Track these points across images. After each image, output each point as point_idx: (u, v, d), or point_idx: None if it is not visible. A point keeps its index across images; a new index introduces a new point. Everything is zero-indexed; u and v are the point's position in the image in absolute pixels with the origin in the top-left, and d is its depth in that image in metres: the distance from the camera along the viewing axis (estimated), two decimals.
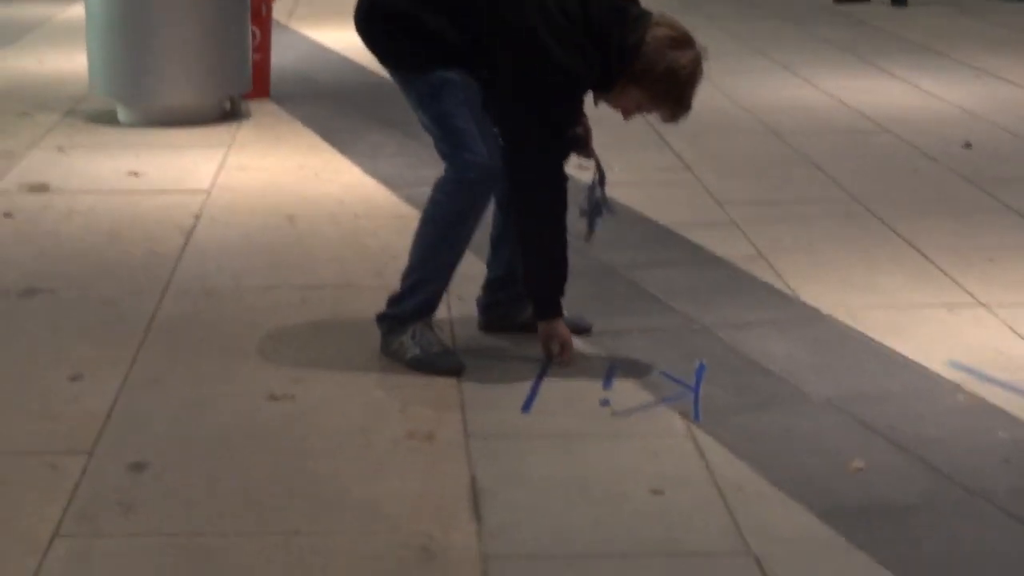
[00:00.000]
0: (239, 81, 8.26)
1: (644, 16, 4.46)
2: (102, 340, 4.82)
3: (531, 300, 4.67)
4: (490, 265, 4.91)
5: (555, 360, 4.59)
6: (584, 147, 4.74)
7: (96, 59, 8.10)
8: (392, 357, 4.62)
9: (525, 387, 4.44)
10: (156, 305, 5.15)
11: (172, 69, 7.99)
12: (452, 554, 3.45)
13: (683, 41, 4.44)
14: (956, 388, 4.47)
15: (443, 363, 4.56)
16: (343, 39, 11.14)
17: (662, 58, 4.37)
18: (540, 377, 4.50)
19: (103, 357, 4.65)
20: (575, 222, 4.72)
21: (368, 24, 4.59)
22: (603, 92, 4.51)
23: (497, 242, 4.86)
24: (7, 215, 6.26)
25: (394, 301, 4.67)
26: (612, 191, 4.85)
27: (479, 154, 4.42)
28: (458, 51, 4.42)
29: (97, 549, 3.47)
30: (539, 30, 4.30)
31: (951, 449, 4.04)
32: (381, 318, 4.69)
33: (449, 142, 4.49)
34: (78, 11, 9.73)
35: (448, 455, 3.99)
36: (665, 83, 4.38)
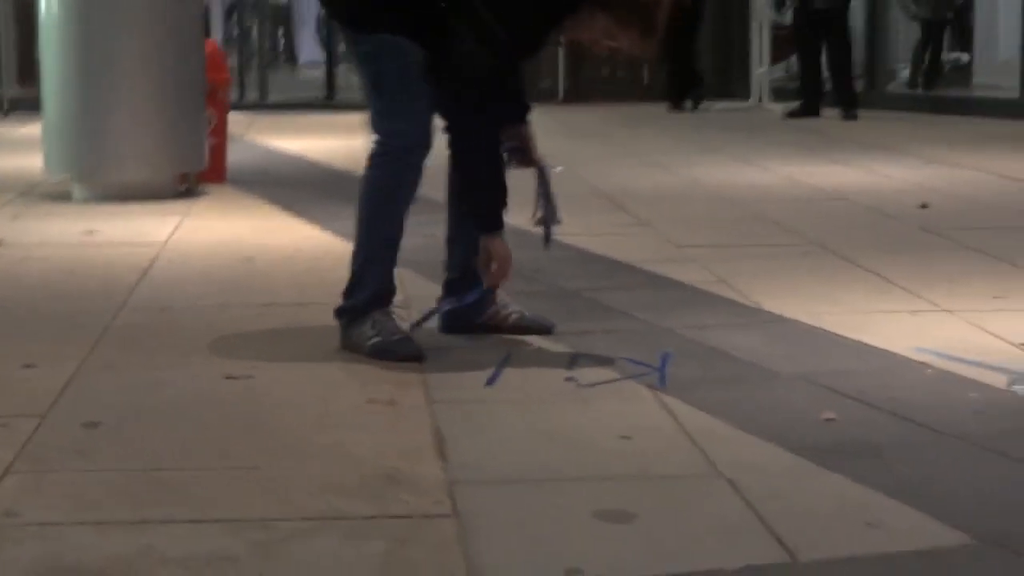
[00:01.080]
0: (194, 158, 8.24)
1: None
2: (56, 340, 4.73)
3: (471, 217, 4.60)
4: (447, 267, 4.86)
5: (489, 278, 4.54)
6: (524, 156, 4.71)
7: (50, 136, 8.07)
8: (352, 349, 4.55)
9: (487, 372, 4.35)
10: (112, 317, 5.07)
11: (127, 145, 7.97)
12: (419, 482, 3.35)
13: None
14: (924, 366, 4.41)
15: (404, 349, 4.48)
16: (299, 145, 11.23)
17: None
18: (504, 360, 4.42)
19: (57, 351, 4.56)
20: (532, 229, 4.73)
21: None
22: (571, 14, 4.46)
23: (452, 243, 4.82)
24: None
25: (348, 291, 4.62)
26: (570, 241, 4.79)
27: (406, 123, 4.44)
28: (410, 12, 4.41)
29: (51, 480, 3.35)
30: None
31: (922, 406, 3.97)
32: (340, 311, 4.62)
33: (378, 108, 4.52)
34: (30, 130, 9.72)
35: (410, 416, 3.90)
36: (631, 3, 4.37)
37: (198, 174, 8.37)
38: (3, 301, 5.34)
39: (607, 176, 8.97)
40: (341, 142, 11.22)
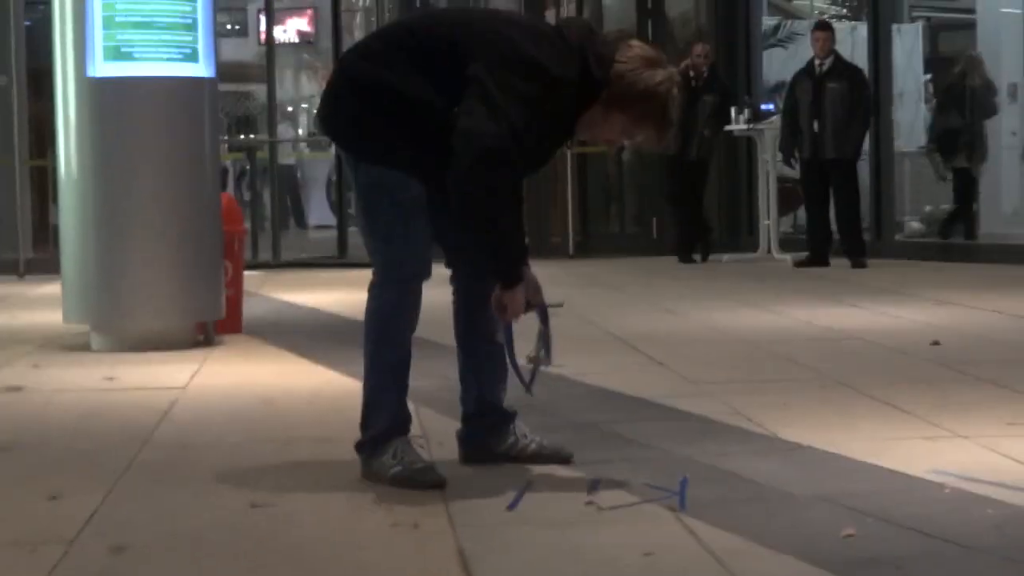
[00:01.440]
0: (212, 308, 8.33)
1: (615, 37, 4.63)
2: (81, 474, 4.78)
3: (488, 268, 4.53)
4: (463, 400, 4.92)
5: (504, 320, 4.51)
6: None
7: (70, 287, 8.18)
8: (374, 480, 4.59)
9: (509, 497, 4.39)
10: (136, 452, 5.12)
11: (145, 295, 8.07)
12: None
13: (656, 60, 4.56)
14: (941, 486, 4.44)
15: (425, 478, 4.52)
16: (312, 299, 11.34)
17: (638, 78, 4.49)
18: (525, 485, 4.45)
19: (82, 485, 4.61)
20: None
21: (337, 101, 4.64)
22: (582, 113, 4.54)
23: (464, 378, 4.88)
24: None
25: (363, 423, 4.68)
26: (586, 380, 4.79)
27: (403, 253, 4.53)
28: (421, 138, 4.47)
29: None
30: (515, 38, 4.45)
31: (941, 522, 4.00)
32: (360, 445, 4.67)
33: (374, 239, 4.62)
34: (47, 289, 9.85)
35: (435, 538, 3.93)
36: (646, 103, 4.49)
37: (215, 324, 8.45)
38: (27, 442, 5.38)
39: (620, 322, 9.04)
40: (353, 295, 11.30)
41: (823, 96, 13.72)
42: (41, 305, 10.79)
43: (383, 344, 4.64)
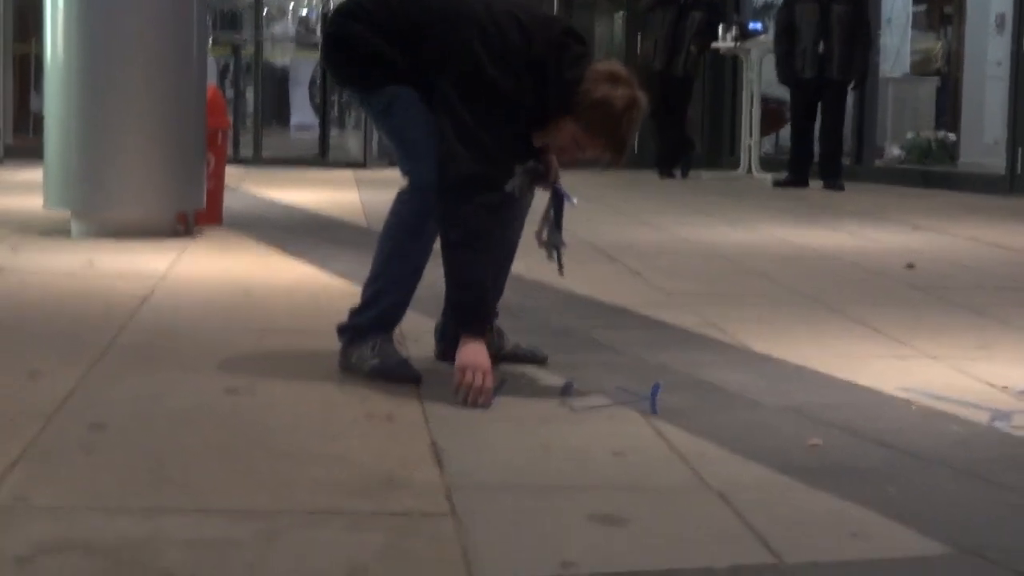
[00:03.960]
0: (192, 198, 8.35)
1: (585, 55, 4.57)
2: (61, 354, 4.82)
3: (454, 316, 4.61)
4: (446, 297, 4.95)
5: (470, 395, 4.29)
6: (543, 179, 4.80)
7: (51, 172, 8.19)
8: (351, 369, 4.64)
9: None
10: (114, 336, 5.16)
11: (127, 182, 8.09)
12: (416, 484, 3.44)
13: (621, 79, 4.48)
14: (909, 403, 4.51)
15: (403, 371, 4.58)
16: (292, 196, 11.36)
17: (596, 88, 4.42)
18: (500, 384, 4.50)
19: (61, 363, 4.65)
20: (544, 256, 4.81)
21: (329, 52, 4.77)
22: (539, 128, 4.58)
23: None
24: None
25: (355, 312, 4.71)
26: (560, 285, 4.79)
27: (431, 160, 4.50)
28: (406, 71, 4.55)
29: (59, 471, 3.45)
30: (474, 44, 4.44)
31: (906, 436, 4.07)
32: (342, 329, 4.72)
33: (404, 154, 4.64)
34: (27, 175, 9.86)
35: (408, 430, 3.99)
36: (599, 112, 4.40)
37: (196, 215, 8.47)
38: (4, 320, 5.41)
39: (597, 232, 9.06)
40: (335, 194, 11.38)
41: (830, 17, 13.71)
42: (20, 191, 10.82)
43: (401, 253, 4.65)
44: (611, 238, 8.84)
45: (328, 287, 6.45)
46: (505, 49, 4.48)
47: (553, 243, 4.83)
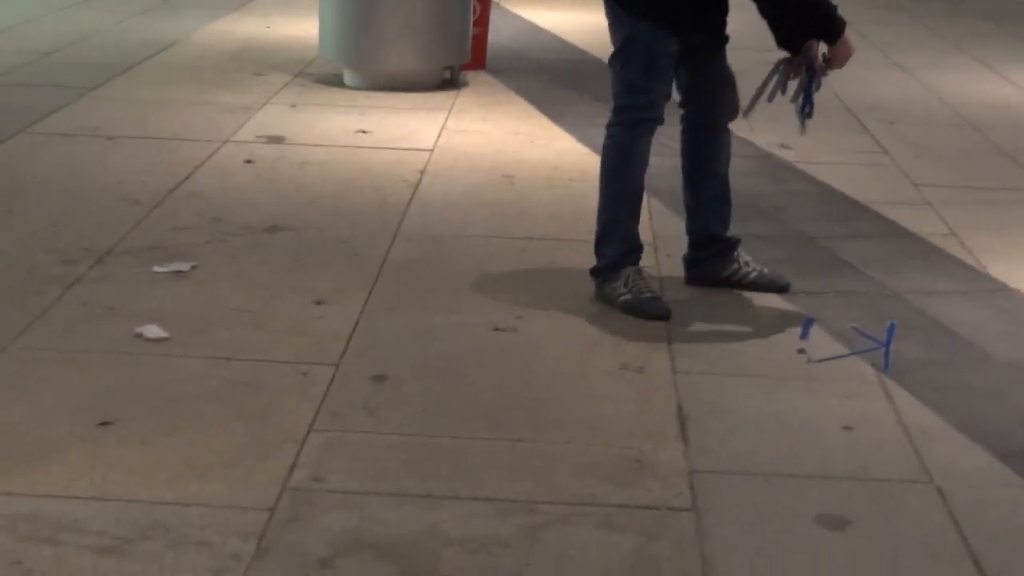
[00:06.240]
0: (459, 52, 8.74)
1: None
2: (341, 273, 5.29)
3: (830, 25, 4.93)
4: (689, 230, 5.32)
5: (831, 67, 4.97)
6: (797, 64, 5.01)
7: (327, 26, 8.63)
8: (604, 302, 5.03)
9: (727, 341, 4.82)
10: (388, 247, 5.62)
11: (397, 38, 8.49)
12: (661, 467, 3.84)
13: None
14: None
15: (652, 308, 4.95)
16: (554, 20, 11.64)
17: None
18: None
19: (343, 287, 5.13)
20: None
21: None
22: None
23: (690, 210, 5.28)
24: (248, 161, 6.79)
25: (597, 247, 5.11)
26: (813, 172, 5.06)
27: (639, 97, 4.93)
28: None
29: (347, 442, 3.92)
30: None
31: None
32: (594, 271, 5.10)
33: (622, 82, 5.01)
34: None
35: (657, 388, 4.38)
36: None
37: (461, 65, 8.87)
38: (293, 221, 5.90)
39: (849, 77, 9.15)
40: (596, 17, 11.56)
41: None
42: (293, 8, 11.30)
43: (616, 179, 5.05)
44: (864, 91, 8.93)
45: (585, 171, 6.80)
46: None
47: (806, 114, 5.10)
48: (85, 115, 7.68)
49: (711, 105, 5.13)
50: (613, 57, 5.04)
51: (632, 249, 5.09)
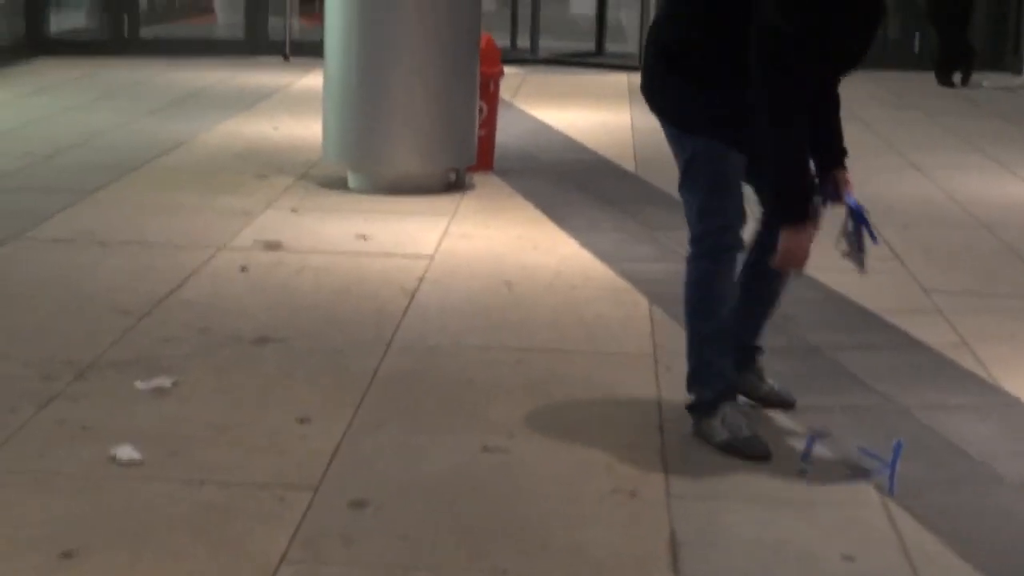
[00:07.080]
0: (465, 154, 8.63)
1: None
2: (328, 387, 5.13)
3: (778, 203, 4.63)
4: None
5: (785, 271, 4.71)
6: (838, 197, 4.82)
7: (330, 127, 8.53)
8: (703, 439, 4.79)
9: (725, 461, 4.63)
10: (380, 359, 5.46)
11: (402, 139, 8.40)
12: None
13: None
14: None
15: (751, 449, 4.71)
16: (565, 119, 11.55)
17: None
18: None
19: (329, 402, 4.96)
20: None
21: (651, 72, 4.84)
22: None
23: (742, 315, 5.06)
24: (243, 269, 6.66)
25: (690, 383, 4.88)
26: (823, 279, 4.87)
27: (724, 219, 4.67)
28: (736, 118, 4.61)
29: (320, 575, 3.73)
30: None
31: None
32: (691, 408, 4.88)
33: (695, 207, 4.76)
34: (310, 81, 10.21)
35: (649, 512, 4.19)
36: None
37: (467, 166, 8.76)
38: (284, 331, 5.75)
39: (866, 179, 9.02)
40: (606, 116, 11.52)
41: None
42: (304, 107, 11.24)
43: (698, 318, 4.82)
44: (878, 189, 8.75)
45: (588, 276, 6.65)
46: None
47: (854, 258, 4.91)
48: (83, 219, 7.59)
49: None
50: (681, 184, 4.81)
51: (727, 388, 4.87)
